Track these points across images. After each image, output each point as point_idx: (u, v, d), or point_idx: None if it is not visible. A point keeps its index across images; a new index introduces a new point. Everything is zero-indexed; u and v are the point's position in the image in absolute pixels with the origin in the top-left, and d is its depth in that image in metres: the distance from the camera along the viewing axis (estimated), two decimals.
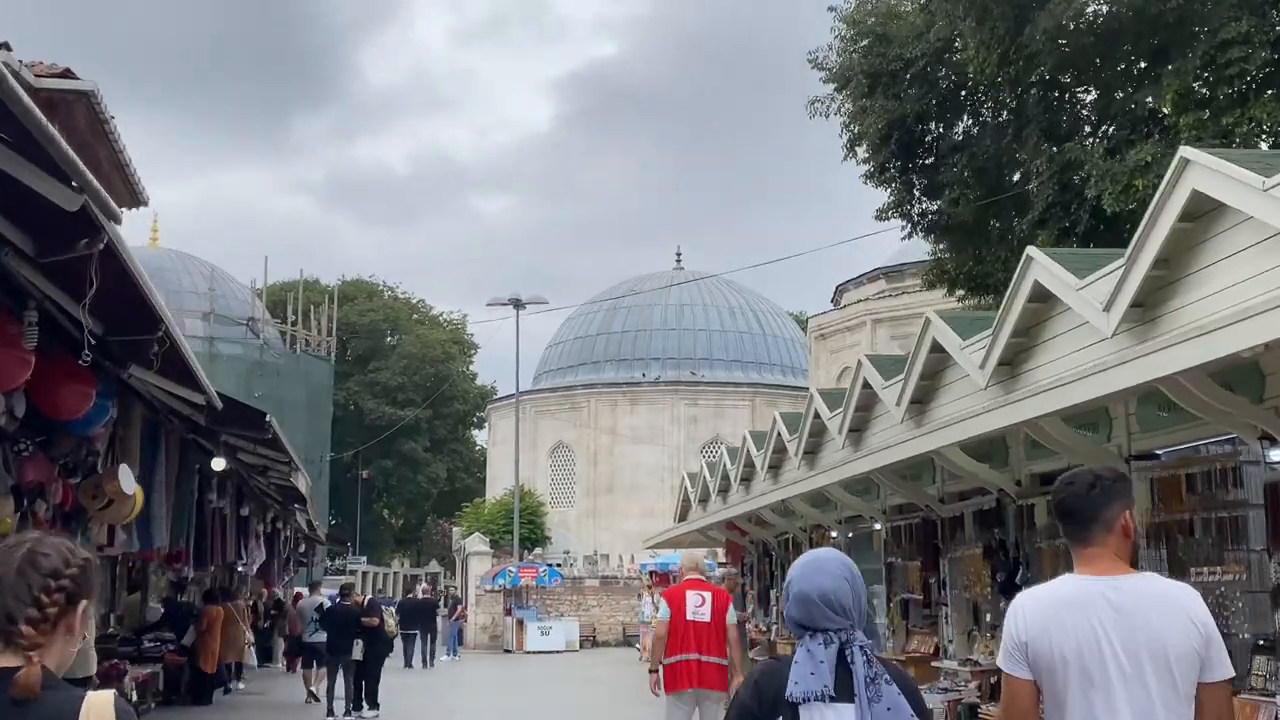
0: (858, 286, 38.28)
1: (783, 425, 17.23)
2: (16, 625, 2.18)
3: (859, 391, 13.67)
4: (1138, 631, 3.20)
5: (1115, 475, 3.49)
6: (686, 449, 51.11)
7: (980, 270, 18.16)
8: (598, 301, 57.62)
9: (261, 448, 14.41)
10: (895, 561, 15.41)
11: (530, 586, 40.07)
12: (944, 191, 17.38)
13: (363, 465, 68.35)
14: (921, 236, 19.37)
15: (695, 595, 9.77)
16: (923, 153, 18.26)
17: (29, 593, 2.19)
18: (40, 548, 2.25)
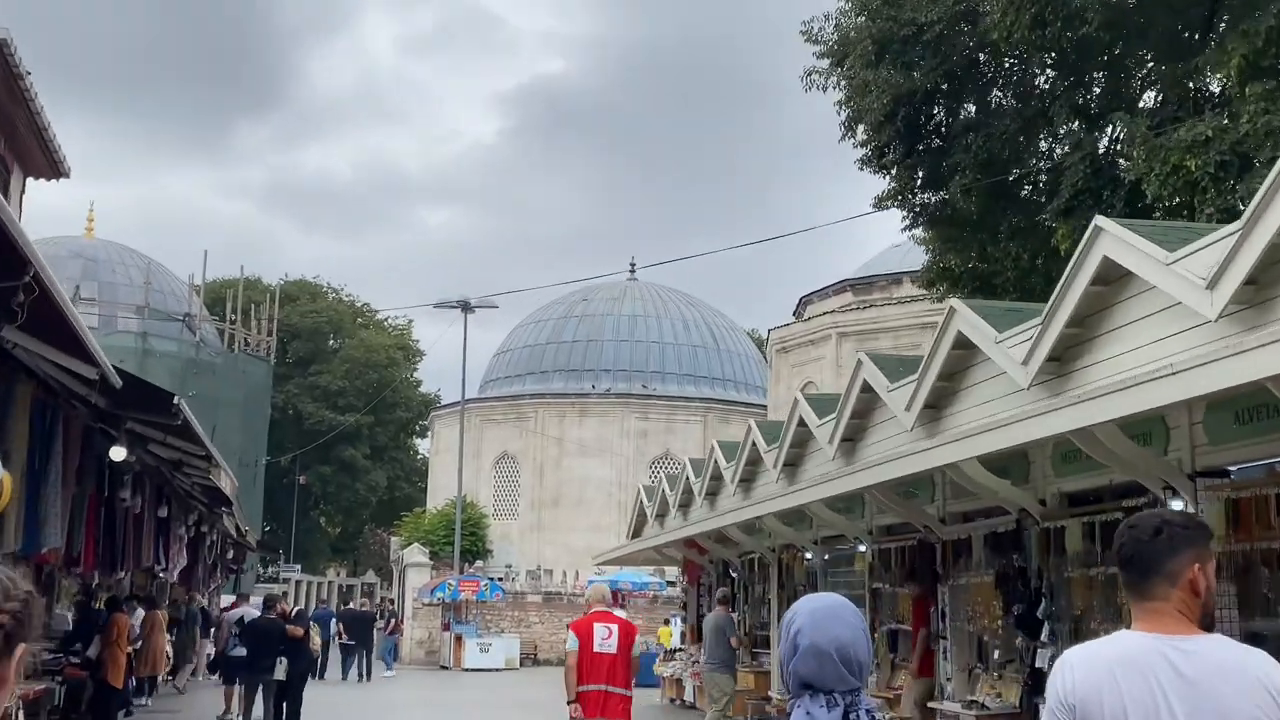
0: (823, 299, 36.99)
1: (759, 434, 15.77)
2: None
3: (856, 396, 12.23)
4: (1204, 702, 2.72)
5: (1188, 522, 3.00)
6: (636, 463, 49.53)
7: (987, 270, 16.71)
8: (549, 308, 55.96)
9: (174, 438, 12.67)
10: (882, 587, 13.96)
11: (470, 601, 38.27)
12: (953, 178, 15.83)
13: (300, 471, 66.12)
14: (922, 230, 17.85)
15: (602, 627, 9.90)
16: (930, 134, 16.77)
17: None
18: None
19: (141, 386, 10.19)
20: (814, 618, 2.72)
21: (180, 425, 10.91)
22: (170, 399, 10.19)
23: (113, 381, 9.61)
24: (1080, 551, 9.59)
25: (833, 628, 2.71)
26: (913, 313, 32.85)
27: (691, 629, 24.43)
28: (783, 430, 14.74)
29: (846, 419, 12.30)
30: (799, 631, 2.70)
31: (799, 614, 2.75)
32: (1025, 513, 10.33)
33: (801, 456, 14.50)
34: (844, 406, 12.30)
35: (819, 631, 2.69)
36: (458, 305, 41.30)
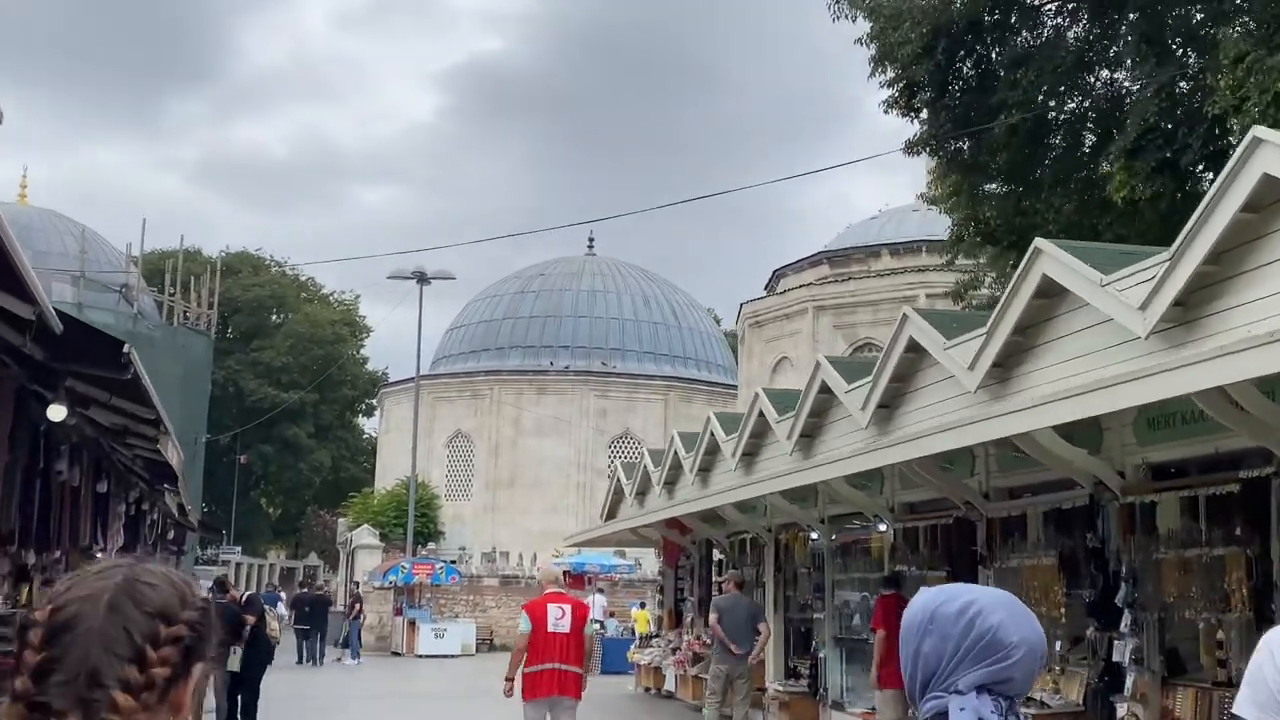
0: (797, 272, 35.75)
1: (768, 402, 14.48)
2: (105, 689, 1.40)
3: (898, 357, 10.98)
4: None
5: None
6: (595, 443, 48.16)
7: (1024, 223, 15.43)
8: (505, 283, 54.36)
9: (120, 399, 11.11)
10: (906, 570, 12.73)
11: (424, 584, 36.74)
12: (996, 118, 14.48)
13: (241, 449, 64.03)
14: (954, 180, 16.45)
15: (556, 608, 10.11)
16: (970, 72, 15.43)
17: (127, 641, 1.43)
18: (143, 576, 1.50)
19: (86, 333, 8.66)
20: (1011, 612, 2.22)
21: (130, 380, 9.37)
22: (119, 347, 8.67)
23: (52, 325, 8.06)
24: (1177, 530, 8.41)
25: (1028, 623, 2.24)
26: (893, 285, 31.78)
27: (669, 613, 23.17)
28: (799, 399, 13.46)
29: (885, 383, 11.06)
30: (997, 628, 2.18)
31: (984, 607, 2.21)
32: (1102, 486, 9.13)
33: (819, 427, 13.26)
34: (881, 370, 11.06)
35: (1024, 628, 2.21)
36: (413, 276, 39.64)
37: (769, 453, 15.09)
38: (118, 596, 1.48)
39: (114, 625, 1.45)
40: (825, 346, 32.25)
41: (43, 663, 1.43)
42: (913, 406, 11.19)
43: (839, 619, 14.82)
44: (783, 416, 13.96)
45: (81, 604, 1.46)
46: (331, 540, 79.76)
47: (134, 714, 1.43)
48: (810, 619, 15.77)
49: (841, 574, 14.67)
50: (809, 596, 15.84)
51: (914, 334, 10.60)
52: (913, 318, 10.62)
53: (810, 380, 12.95)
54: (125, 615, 1.46)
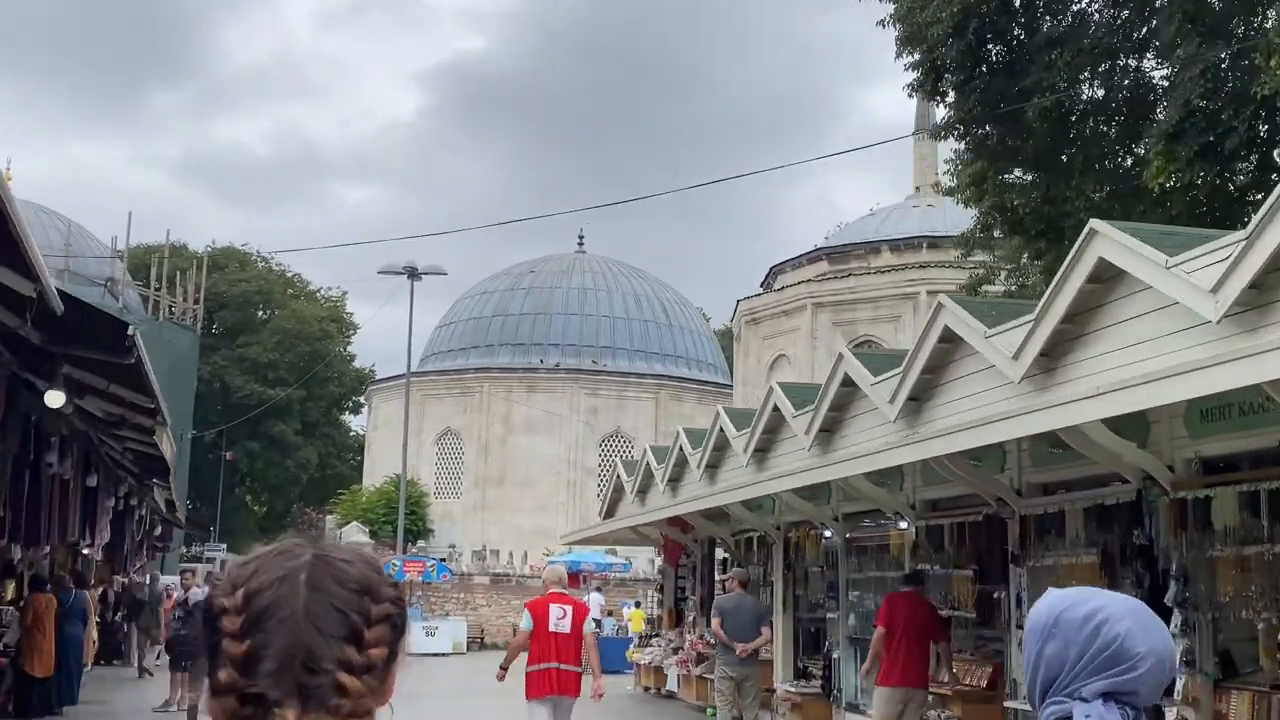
0: (795, 268, 35.37)
1: (784, 396, 14.08)
2: (326, 673, 1.30)
3: (932, 346, 10.59)
4: None
5: None
6: (585, 441, 47.77)
7: (1053, 211, 15.03)
8: (495, 279, 53.91)
9: (118, 386, 10.67)
10: (929, 569, 12.35)
11: (415, 582, 36.26)
12: (1027, 100, 14.02)
13: (227, 446, 63.32)
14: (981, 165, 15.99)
15: (558, 608, 10.25)
16: (1000, 52, 14.97)
17: (341, 622, 1.33)
18: (336, 554, 1.40)
19: (87, 314, 8.22)
20: (1139, 620, 2.15)
21: (132, 365, 8.93)
22: (123, 330, 8.24)
23: (53, 305, 7.65)
24: (1234, 526, 8.04)
25: (1161, 632, 2.17)
26: (894, 282, 31.46)
27: (670, 612, 22.77)
28: (819, 393, 13.05)
29: (917, 375, 10.67)
30: (1124, 636, 2.10)
31: (1111, 614, 2.13)
32: (1150, 481, 8.76)
33: (839, 422, 12.87)
34: (913, 361, 10.66)
35: (1153, 637, 2.13)
36: (404, 271, 39.12)
37: (783, 448, 14.70)
38: (317, 575, 1.37)
39: (321, 605, 1.34)
40: (824, 344, 31.97)
41: (248, 651, 1.31)
42: (945, 399, 10.77)
43: (855, 618, 14.44)
44: (800, 411, 13.57)
45: (279, 586, 1.35)
46: (318, 538, 79.25)
47: (361, 697, 1.34)
48: (823, 618, 15.38)
49: (857, 572, 14.29)
50: (821, 595, 15.46)
51: (950, 323, 10.17)
52: (949, 305, 10.21)
53: (832, 373, 12.57)
54: (330, 594, 1.35)
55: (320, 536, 1.51)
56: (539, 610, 10.28)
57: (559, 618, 10.17)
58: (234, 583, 1.37)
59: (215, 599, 1.36)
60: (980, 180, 16.11)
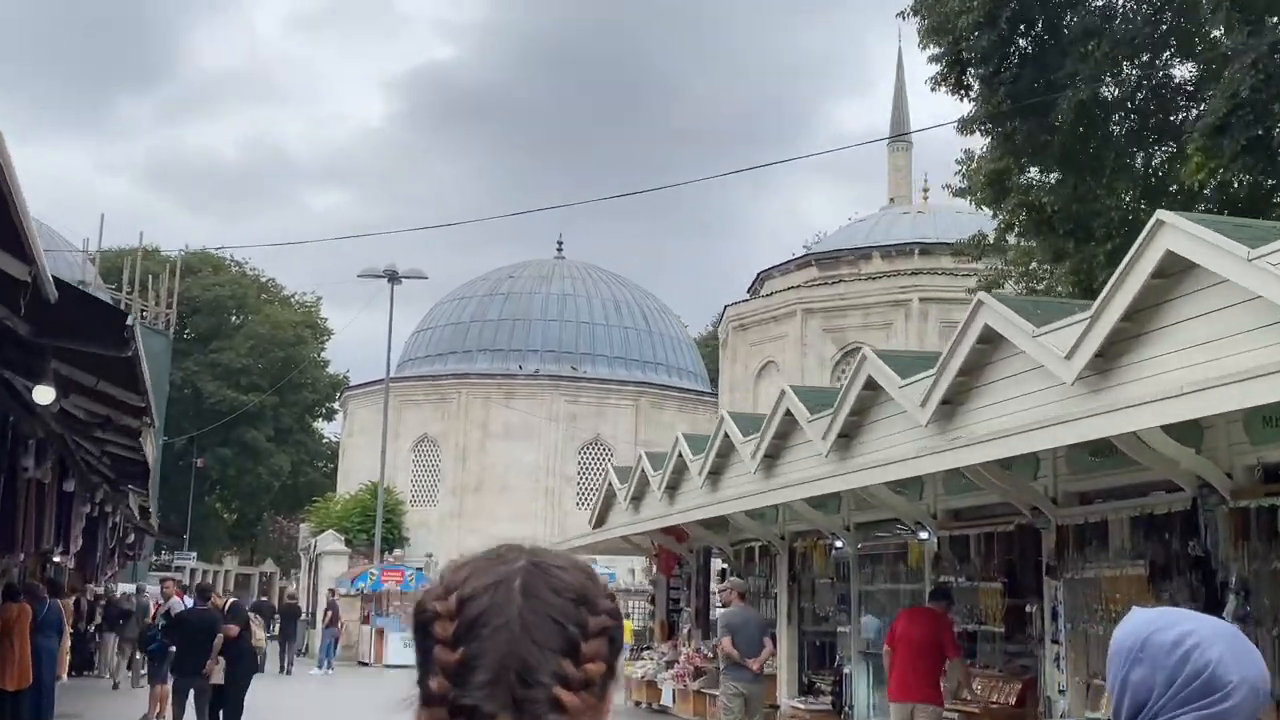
0: (783, 274, 34.94)
1: (797, 401, 13.58)
2: (542, 686, 1.24)
3: (970, 347, 10.12)
4: None
5: None
6: (565, 448, 47.11)
7: (1082, 210, 14.56)
8: (473, 285, 53.23)
9: (107, 383, 10.06)
10: (952, 581, 11.89)
11: (393, 592, 35.56)
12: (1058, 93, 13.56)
13: (198, 452, 62.35)
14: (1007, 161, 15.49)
15: None
16: (1030, 45, 14.49)
17: (557, 632, 1.27)
18: (551, 560, 1.34)
19: (82, 303, 7.62)
20: (1231, 646, 1.98)
21: (126, 360, 8.34)
22: (121, 320, 7.65)
23: (46, 292, 7.07)
24: None
25: (1254, 659, 2.00)
26: (885, 289, 31.09)
27: (662, 624, 22.23)
28: (838, 397, 12.56)
29: (952, 377, 10.20)
30: (1215, 663, 1.94)
31: (1202, 639, 1.98)
32: (1207, 489, 8.32)
33: (859, 427, 12.39)
34: (948, 362, 10.19)
35: (1246, 664, 1.96)
36: (384, 275, 38.53)
37: (794, 455, 14.21)
38: (532, 582, 1.31)
39: (536, 614, 1.29)
40: (814, 350, 31.58)
41: (461, 660, 1.27)
42: (982, 403, 10.31)
43: (865, 632, 13.97)
44: (815, 415, 13.09)
45: (493, 592, 1.30)
46: (289, 547, 78.17)
47: (580, 714, 1.28)
48: (830, 631, 14.91)
49: (870, 584, 13.83)
50: (830, 608, 14.99)
51: (991, 321, 9.70)
52: (990, 303, 9.75)
53: (853, 375, 12.10)
54: (546, 602, 1.30)
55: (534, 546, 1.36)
56: None
57: None
58: (447, 586, 1.33)
59: (427, 603, 1.32)
60: (998, 179, 15.69)
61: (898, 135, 43.43)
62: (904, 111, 61.67)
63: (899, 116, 61.70)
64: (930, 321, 30.18)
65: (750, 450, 14.81)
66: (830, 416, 12.61)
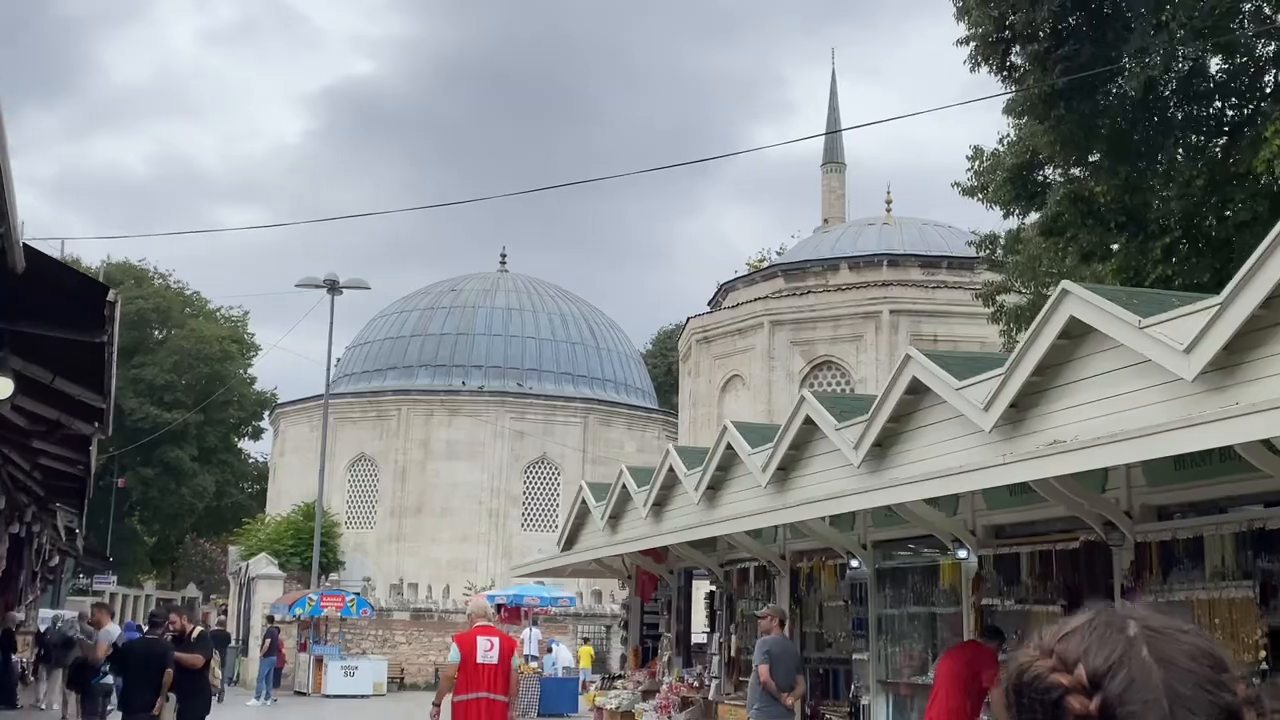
0: (748, 285, 34.00)
1: (820, 408, 12.50)
2: None
3: (1049, 344, 9.14)
4: None
5: None
6: (510, 467, 45.75)
7: (1135, 201, 13.63)
8: (414, 298, 51.70)
9: (65, 381, 8.69)
10: (998, 605, 10.90)
11: (333, 618, 33.90)
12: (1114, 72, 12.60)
13: (119, 472, 59.83)
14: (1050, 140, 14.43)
15: (485, 640, 10.52)
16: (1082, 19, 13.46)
17: (1210, 703, 1.25)
18: (1165, 623, 1.33)
19: (52, 276, 6.30)
20: None
21: (99, 346, 7.03)
22: (101, 295, 6.35)
23: (13, 260, 5.80)
24: None
25: None
26: (855, 300, 30.26)
27: (635, 651, 21.01)
28: (874, 403, 11.51)
29: (1024, 378, 9.22)
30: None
31: None
32: None
33: (896, 435, 11.36)
34: (1020, 361, 9.22)
35: None
36: (324, 285, 36.95)
37: (812, 467, 13.13)
38: (1162, 649, 1.28)
39: (1184, 684, 1.25)
40: (781, 363, 30.65)
41: None
42: (1058, 405, 9.40)
43: (884, 660, 12.92)
44: (842, 424, 12.05)
45: (1127, 663, 1.26)
46: (211, 570, 75.51)
47: None
48: (843, 659, 13.83)
49: (893, 607, 12.79)
50: (841, 633, 13.92)
51: (1077, 313, 8.77)
52: (1077, 292, 8.83)
53: (894, 378, 11.08)
54: (1187, 670, 1.26)
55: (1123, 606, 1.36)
56: (467, 643, 10.54)
57: (486, 650, 10.45)
58: (1063, 658, 1.29)
59: (1046, 677, 1.28)
60: (1020, 174, 14.80)
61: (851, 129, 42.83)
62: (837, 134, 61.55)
63: (831, 139, 61.59)
64: (901, 334, 29.44)
65: (761, 462, 13.72)
66: (863, 423, 11.59)
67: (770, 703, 11.82)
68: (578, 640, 35.48)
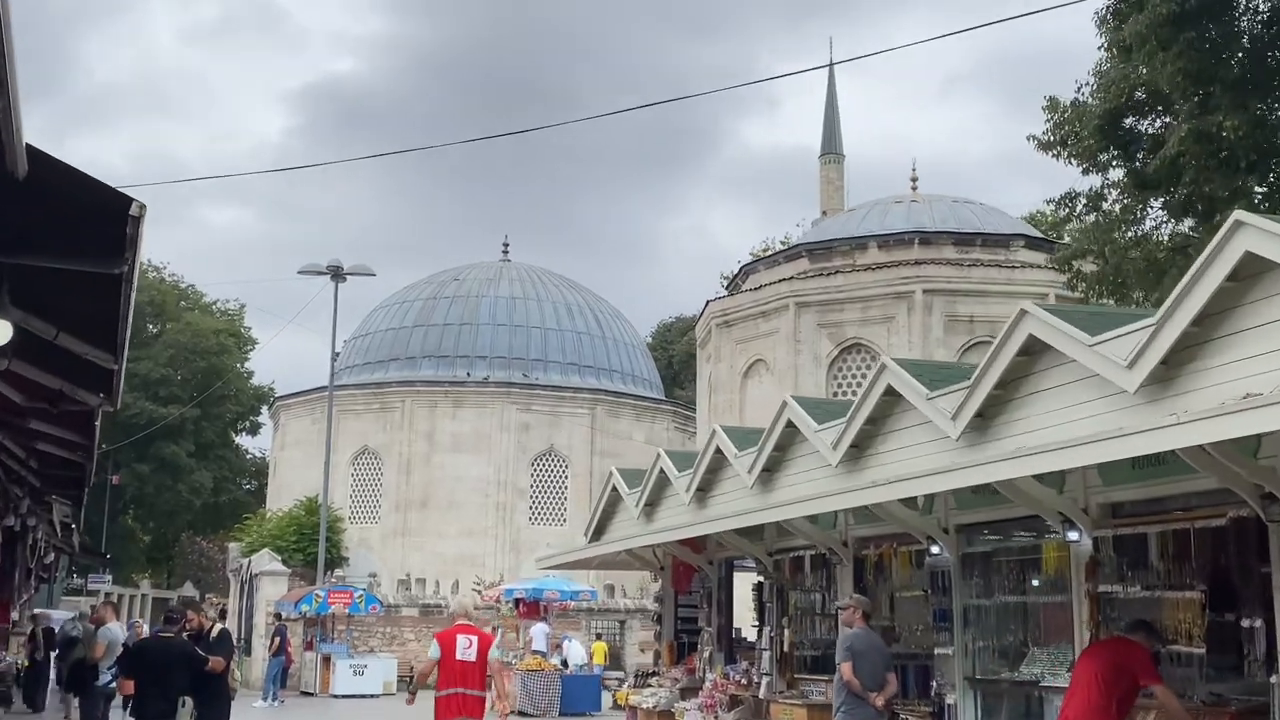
0: (771, 267, 32.75)
1: (906, 375, 11.28)
2: None
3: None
4: None
5: None
6: (517, 460, 44.51)
7: (1261, 137, 12.45)
8: (415, 288, 50.43)
9: (70, 336, 7.48)
10: (1118, 592, 9.72)
11: (340, 615, 32.68)
12: None
13: (114, 469, 58.53)
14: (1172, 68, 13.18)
15: (464, 638, 11.11)
16: None
17: None
18: None
19: (63, 183, 5.07)
20: None
21: (116, 280, 5.82)
22: (122, 209, 5.14)
23: (13, 162, 4.60)
24: None
25: None
26: (886, 280, 29.06)
27: (670, 646, 19.82)
28: (979, 369, 10.27)
29: (1181, 330, 8.03)
30: None
31: None
32: None
33: (1002, 404, 10.14)
34: (1176, 310, 8.03)
35: None
36: (327, 272, 35.70)
37: (891, 443, 11.95)
38: None
39: None
40: (808, 346, 29.44)
41: None
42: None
43: (971, 655, 11.75)
44: (935, 392, 10.87)
45: None
46: (208, 569, 74.13)
47: None
48: (915, 654, 12.66)
49: (981, 597, 11.61)
50: (918, 626, 12.75)
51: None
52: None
53: (1006, 336, 9.86)
54: None
55: None
56: (447, 640, 11.14)
57: (465, 647, 11.01)
58: None
59: None
60: (1113, 120, 13.60)
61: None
62: (835, 124, 60.43)
63: (830, 130, 60.45)
64: (935, 315, 28.25)
65: (831, 439, 12.51)
66: (966, 389, 10.41)
67: (856, 704, 10.63)
68: (590, 636, 34.33)
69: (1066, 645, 10.59)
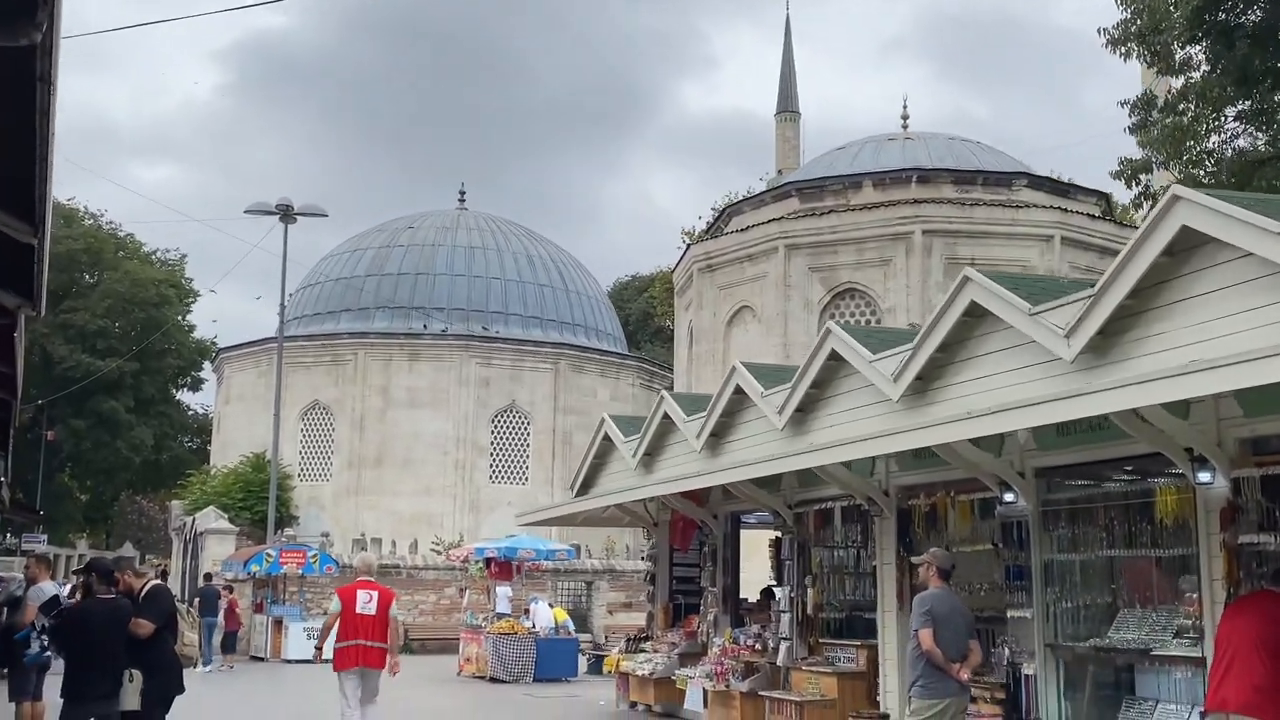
0: (757, 207, 30.86)
1: (993, 285, 9.52)
2: None
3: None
4: None
5: None
6: (476, 416, 42.62)
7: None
8: (368, 236, 48.15)
9: None
10: (1267, 543, 8.15)
11: (293, 576, 30.73)
12: None
13: (48, 424, 55.88)
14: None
15: (364, 593, 11.83)
16: None
17: None
18: None
19: None
20: None
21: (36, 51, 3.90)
22: None
23: None
24: None
25: None
26: (882, 220, 27.40)
27: (665, 609, 18.15)
28: (1095, 294, 8.60)
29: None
30: None
31: None
32: None
33: (1123, 328, 8.46)
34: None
35: None
36: (277, 212, 33.48)
37: (964, 373, 10.27)
38: None
39: None
40: (799, 291, 27.76)
41: None
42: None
43: (1053, 619, 10.15)
44: (1038, 308, 9.18)
45: None
46: (149, 529, 71.61)
47: None
48: (994, 616, 11.04)
49: (1067, 551, 10.01)
50: (983, 585, 11.15)
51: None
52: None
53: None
54: None
55: None
56: (348, 595, 11.80)
57: (365, 602, 11.64)
58: None
59: None
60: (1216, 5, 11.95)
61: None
62: (791, 81, 58.76)
63: (786, 87, 58.78)
64: (935, 257, 26.67)
65: (891, 369, 10.80)
66: (1088, 302, 8.74)
67: (938, 677, 8.96)
68: (558, 600, 32.65)
69: (1176, 607, 9.04)
